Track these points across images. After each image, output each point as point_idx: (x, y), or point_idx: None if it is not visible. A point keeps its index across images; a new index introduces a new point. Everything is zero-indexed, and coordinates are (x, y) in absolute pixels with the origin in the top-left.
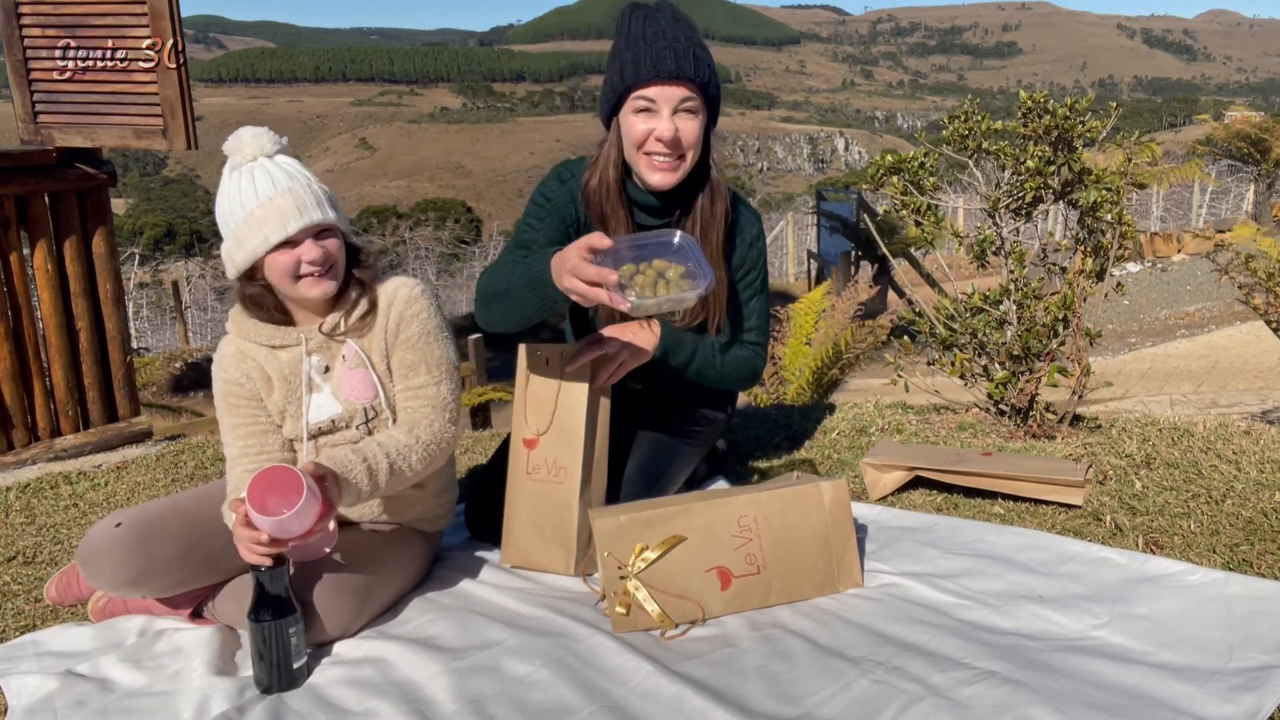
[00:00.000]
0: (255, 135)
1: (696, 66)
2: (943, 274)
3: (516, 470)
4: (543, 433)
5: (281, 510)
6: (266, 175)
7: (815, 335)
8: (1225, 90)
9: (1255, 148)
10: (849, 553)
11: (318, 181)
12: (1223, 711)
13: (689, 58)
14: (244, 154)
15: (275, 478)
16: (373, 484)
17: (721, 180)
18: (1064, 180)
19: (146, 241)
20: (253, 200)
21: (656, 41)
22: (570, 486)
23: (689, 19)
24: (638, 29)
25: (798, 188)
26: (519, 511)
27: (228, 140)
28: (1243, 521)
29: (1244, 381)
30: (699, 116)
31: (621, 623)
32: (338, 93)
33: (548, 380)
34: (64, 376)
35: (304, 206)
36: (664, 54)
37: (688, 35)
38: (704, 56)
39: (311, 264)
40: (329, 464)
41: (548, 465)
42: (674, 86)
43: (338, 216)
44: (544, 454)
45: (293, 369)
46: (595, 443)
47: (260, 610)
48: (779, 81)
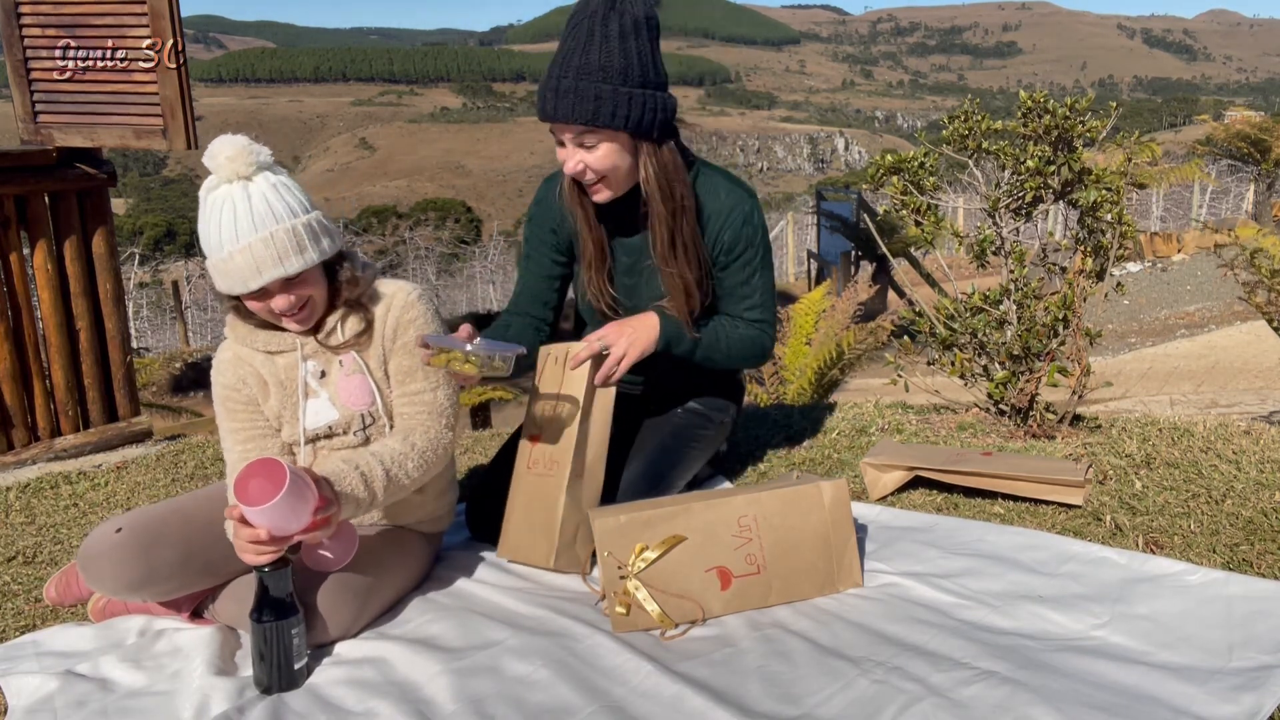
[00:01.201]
0: (231, 157)
1: (578, 108)
2: (943, 274)
3: (520, 464)
4: (545, 428)
5: (267, 496)
6: (234, 220)
7: (815, 335)
8: (1225, 90)
9: (1255, 148)
10: (849, 553)
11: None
12: (1222, 711)
13: (569, 98)
14: (219, 174)
15: (259, 468)
16: (370, 493)
17: (660, 188)
18: (1064, 180)
19: (146, 241)
20: (219, 249)
21: (548, 80)
22: (559, 480)
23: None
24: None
25: (798, 187)
26: (517, 506)
27: (207, 151)
28: (1243, 521)
29: (1244, 381)
30: (602, 146)
31: (621, 623)
32: (338, 92)
33: (553, 378)
34: (64, 376)
35: (265, 263)
36: (547, 96)
37: (584, 64)
38: (592, 89)
39: (281, 312)
40: (323, 474)
41: (544, 459)
42: (564, 126)
43: (314, 250)
44: (543, 448)
45: (289, 374)
46: (590, 440)
47: (263, 610)
48: (779, 81)
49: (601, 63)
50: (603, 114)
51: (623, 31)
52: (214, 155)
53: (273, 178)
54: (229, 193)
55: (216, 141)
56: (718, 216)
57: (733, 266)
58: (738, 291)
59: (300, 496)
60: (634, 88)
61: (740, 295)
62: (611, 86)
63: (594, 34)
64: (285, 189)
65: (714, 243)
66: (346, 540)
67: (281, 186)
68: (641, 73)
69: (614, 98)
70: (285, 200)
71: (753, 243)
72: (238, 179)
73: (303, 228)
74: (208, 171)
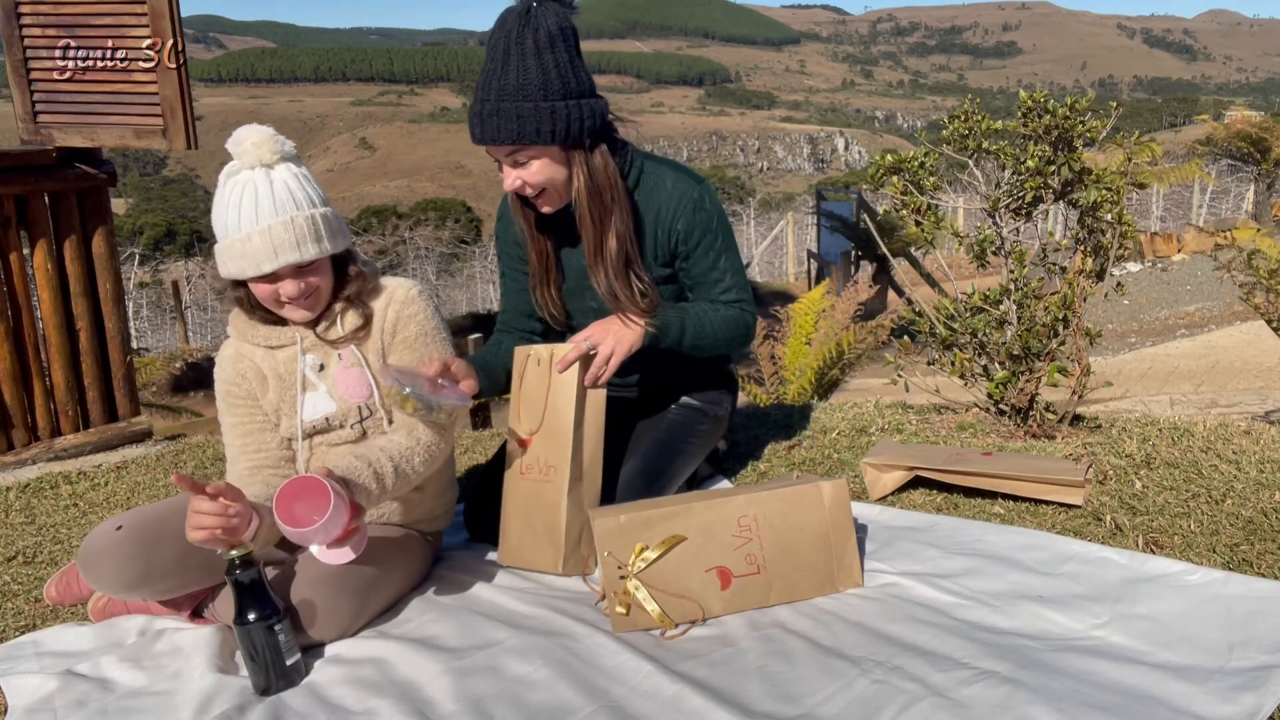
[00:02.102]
0: (257, 144)
1: (501, 129)
2: (943, 274)
3: (511, 471)
4: (534, 433)
5: (312, 519)
6: (255, 202)
7: (815, 335)
8: (1225, 90)
9: (1255, 147)
10: (849, 552)
11: (316, 200)
12: (1222, 711)
13: (493, 122)
14: (243, 160)
15: (301, 488)
16: (380, 487)
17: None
18: (1064, 180)
19: (146, 241)
20: (236, 229)
21: (474, 104)
22: (559, 485)
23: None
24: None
25: (798, 187)
26: (513, 512)
27: (232, 136)
28: (1243, 521)
29: (1244, 381)
30: (534, 163)
31: (621, 622)
32: (338, 92)
33: (539, 381)
34: (64, 376)
35: (283, 246)
36: (474, 121)
37: (502, 86)
38: (512, 110)
39: (289, 298)
40: (337, 470)
41: (539, 465)
42: (492, 147)
43: (330, 242)
44: (536, 454)
45: (288, 367)
46: (585, 441)
47: (245, 612)
48: (779, 81)
49: (519, 82)
50: (526, 132)
51: (538, 47)
52: (240, 141)
53: (295, 168)
54: (251, 177)
55: (243, 129)
56: (668, 208)
57: (695, 255)
58: (707, 278)
59: (340, 512)
60: (555, 100)
61: (711, 281)
62: (532, 104)
63: (509, 54)
64: (307, 180)
65: (669, 234)
66: (359, 535)
67: (303, 177)
68: (562, 85)
69: (536, 114)
70: (306, 190)
71: (709, 228)
72: (261, 165)
73: (320, 218)
74: (208, 171)
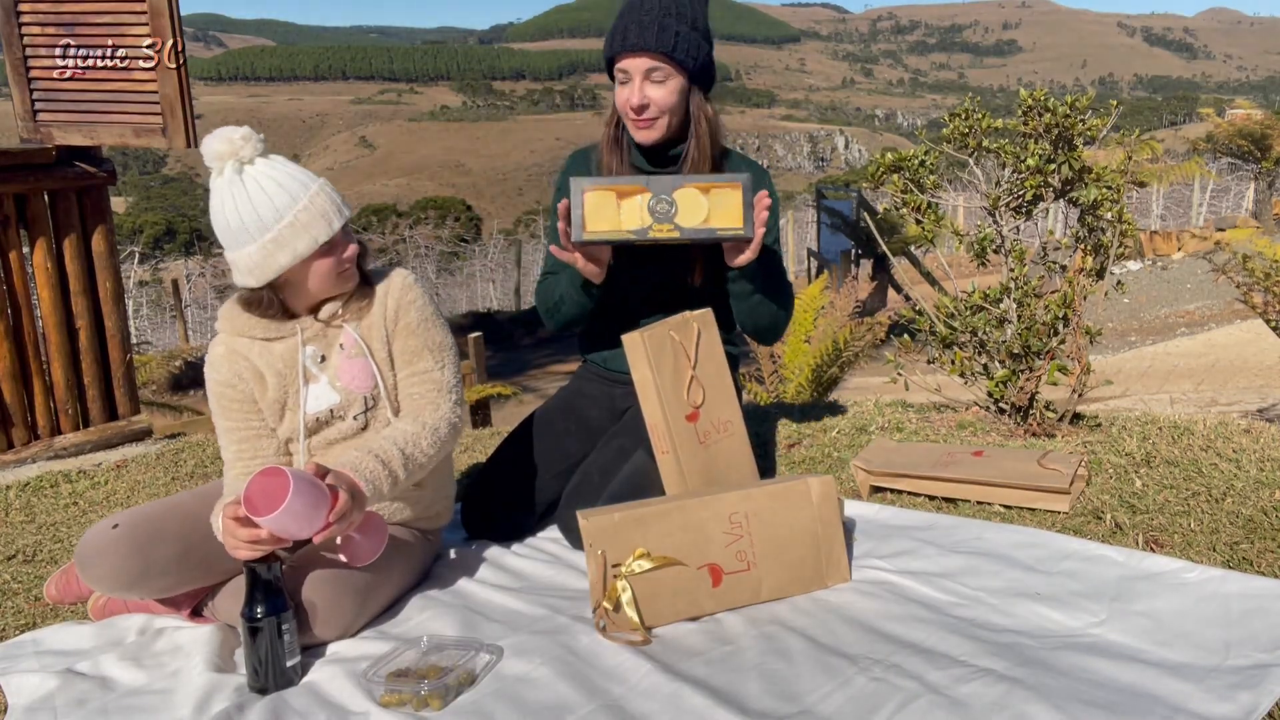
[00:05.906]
0: (247, 136)
1: (660, 37)
2: (943, 272)
3: (687, 448)
4: (700, 405)
5: (275, 504)
6: (280, 186)
7: (814, 333)
8: (1226, 88)
9: (1256, 145)
10: (837, 548)
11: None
12: (1219, 709)
13: (653, 30)
14: (242, 156)
15: (261, 478)
16: (391, 475)
17: (708, 131)
18: (1064, 178)
19: (146, 240)
20: (279, 216)
21: (629, 14)
22: (739, 434)
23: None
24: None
25: (798, 186)
26: (703, 486)
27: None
28: (1243, 520)
29: (1244, 380)
30: (669, 82)
31: (610, 622)
32: (338, 91)
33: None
34: (64, 375)
35: (330, 211)
36: (630, 28)
37: (663, 6)
38: (672, 25)
39: (347, 260)
40: (338, 467)
41: (715, 426)
42: (640, 58)
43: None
44: (709, 418)
45: (287, 362)
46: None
47: (254, 605)
48: (779, 79)
49: (678, 8)
50: (680, 49)
51: None
52: (230, 140)
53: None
54: (253, 171)
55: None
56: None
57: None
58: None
59: (310, 500)
60: (701, 39)
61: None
62: (687, 28)
63: None
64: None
65: None
66: (377, 531)
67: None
68: (706, 26)
69: (689, 40)
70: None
71: (777, 215)
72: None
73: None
74: (208, 170)
